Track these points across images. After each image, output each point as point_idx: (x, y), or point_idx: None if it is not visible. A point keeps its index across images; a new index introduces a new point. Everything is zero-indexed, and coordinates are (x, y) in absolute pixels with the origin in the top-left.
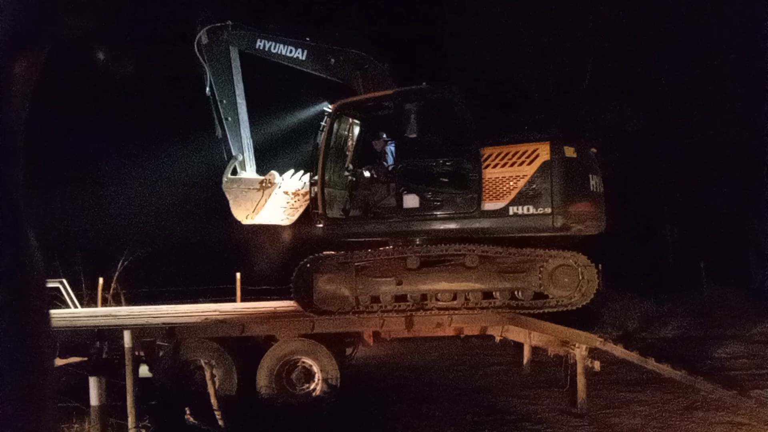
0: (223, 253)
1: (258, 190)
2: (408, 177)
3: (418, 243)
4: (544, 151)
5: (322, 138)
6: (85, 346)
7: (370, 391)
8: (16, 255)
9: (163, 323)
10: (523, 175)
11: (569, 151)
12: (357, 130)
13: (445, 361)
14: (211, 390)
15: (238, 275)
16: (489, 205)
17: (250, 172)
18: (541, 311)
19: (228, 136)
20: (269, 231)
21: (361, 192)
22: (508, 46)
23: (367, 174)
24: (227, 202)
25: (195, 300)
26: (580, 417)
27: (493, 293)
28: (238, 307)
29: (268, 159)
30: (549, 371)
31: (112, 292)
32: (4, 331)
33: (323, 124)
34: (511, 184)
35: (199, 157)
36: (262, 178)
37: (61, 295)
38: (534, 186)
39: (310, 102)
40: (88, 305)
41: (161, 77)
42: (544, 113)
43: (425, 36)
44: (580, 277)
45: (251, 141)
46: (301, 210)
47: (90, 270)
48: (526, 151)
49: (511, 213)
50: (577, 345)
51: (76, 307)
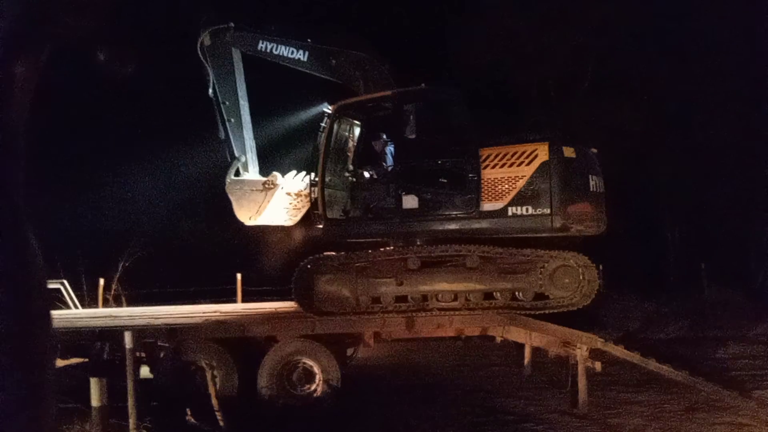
0: (224, 254)
1: (261, 191)
2: (407, 178)
3: (418, 243)
4: (542, 152)
5: (322, 139)
6: (86, 347)
7: (370, 391)
8: (17, 256)
9: (164, 324)
10: (522, 176)
11: (568, 152)
12: (357, 131)
13: (446, 362)
14: (212, 391)
15: (239, 276)
16: (488, 206)
17: (252, 174)
18: (541, 312)
19: (231, 138)
20: (270, 232)
21: (361, 193)
22: (508, 46)
23: (367, 175)
24: (229, 203)
25: (196, 301)
26: (581, 418)
27: (494, 294)
28: (238, 307)
29: (271, 160)
30: (550, 372)
31: (113, 292)
32: (5, 332)
33: (323, 125)
34: (510, 184)
35: (201, 159)
36: (265, 179)
37: (62, 296)
38: (533, 186)
39: (311, 103)
40: (89, 306)
41: (164, 78)
42: (545, 114)
43: (425, 36)
44: (581, 278)
45: (254, 142)
46: (303, 211)
47: (91, 271)
48: (525, 151)
49: (510, 213)
50: (578, 346)
51: (77, 308)
